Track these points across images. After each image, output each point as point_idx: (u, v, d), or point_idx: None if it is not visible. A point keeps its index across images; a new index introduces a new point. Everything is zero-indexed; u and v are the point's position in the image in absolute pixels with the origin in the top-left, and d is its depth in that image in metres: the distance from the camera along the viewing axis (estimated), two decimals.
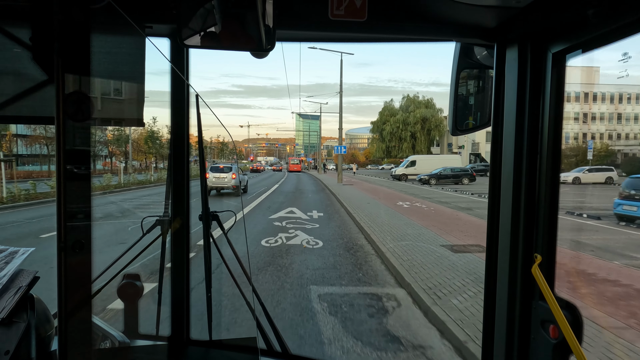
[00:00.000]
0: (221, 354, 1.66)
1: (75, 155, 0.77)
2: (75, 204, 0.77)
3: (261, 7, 1.05)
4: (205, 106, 1.53)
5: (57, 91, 0.73)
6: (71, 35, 0.74)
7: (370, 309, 5.31)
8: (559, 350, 1.08)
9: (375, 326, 4.74)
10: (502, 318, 1.26)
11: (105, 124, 1.37)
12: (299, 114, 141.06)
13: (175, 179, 1.63)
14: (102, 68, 1.31)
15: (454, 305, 5.13)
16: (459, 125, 1.50)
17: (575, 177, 29.29)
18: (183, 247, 1.67)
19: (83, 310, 0.79)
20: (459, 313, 4.89)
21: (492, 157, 1.31)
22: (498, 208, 1.29)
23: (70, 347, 0.77)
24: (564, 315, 1.05)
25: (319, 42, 1.52)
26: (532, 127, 1.17)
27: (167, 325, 1.70)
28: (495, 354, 1.30)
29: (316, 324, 4.72)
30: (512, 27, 1.21)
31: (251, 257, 7.72)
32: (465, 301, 5.31)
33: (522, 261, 1.20)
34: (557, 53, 1.10)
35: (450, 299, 5.36)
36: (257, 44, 1.14)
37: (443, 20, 1.28)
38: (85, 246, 0.77)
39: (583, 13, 0.97)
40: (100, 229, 10.75)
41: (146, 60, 1.35)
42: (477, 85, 1.50)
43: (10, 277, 1.14)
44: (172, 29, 1.40)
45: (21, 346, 1.06)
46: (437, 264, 7.22)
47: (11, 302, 1.07)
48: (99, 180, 24.87)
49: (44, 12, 1.20)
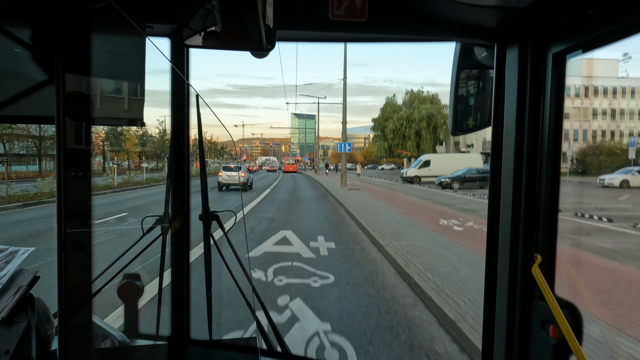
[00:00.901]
0: (221, 354, 1.66)
1: (75, 155, 0.77)
2: (75, 204, 0.77)
3: (261, 7, 1.05)
4: (205, 106, 1.53)
5: (58, 91, 0.73)
6: (71, 35, 0.74)
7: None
8: (559, 350, 1.08)
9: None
10: (502, 318, 1.26)
11: (105, 123, 1.37)
12: (295, 114, 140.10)
13: (175, 178, 1.63)
14: (102, 68, 1.31)
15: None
16: (459, 126, 1.50)
17: (623, 180, 25.12)
18: (183, 247, 1.67)
19: (83, 310, 0.79)
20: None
21: (492, 157, 1.31)
22: (498, 208, 1.29)
23: (71, 347, 0.77)
24: (564, 315, 1.05)
25: (319, 42, 1.52)
26: (533, 127, 1.17)
27: (167, 325, 1.70)
28: (495, 354, 1.30)
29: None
30: (513, 28, 1.21)
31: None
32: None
33: (522, 261, 1.20)
34: (558, 53, 1.10)
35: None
36: (257, 44, 1.14)
37: (443, 20, 1.28)
38: (85, 246, 0.77)
39: (583, 13, 0.97)
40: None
41: (146, 60, 1.35)
42: (477, 86, 1.50)
43: (10, 276, 1.14)
44: (172, 28, 1.40)
45: (21, 346, 1.06)
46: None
47: (11, 302, 1.07)
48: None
49: (45, 12, 1.20)
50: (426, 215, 13.51)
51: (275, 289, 5.77)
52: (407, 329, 4.63)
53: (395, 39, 1.39)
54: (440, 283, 5.88)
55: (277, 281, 6.15)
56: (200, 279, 1.74)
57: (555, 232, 1.16)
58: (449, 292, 5.50)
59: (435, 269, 6.68)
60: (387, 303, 5.43)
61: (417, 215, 13.42)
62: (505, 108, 1.25)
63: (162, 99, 1.69)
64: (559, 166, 1.15)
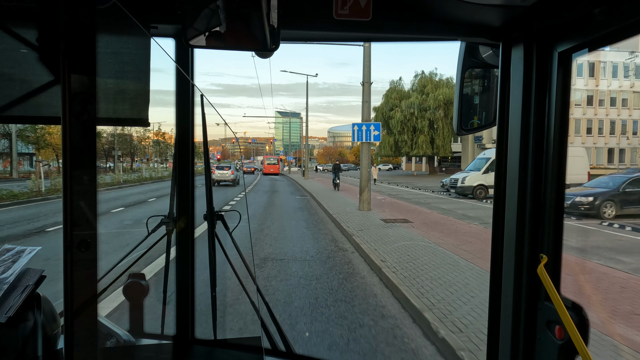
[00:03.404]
0: (226, 353, 1.67)
1: (81, 154, 0.77)
2: (81, 204, 0.77)
3: (265, 7, 1.05)
4: (209, 106, 1.54)
5: (63, 91, 0.74)
6: (77, 35, 0.74)
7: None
8: (564, 351, 1.07)
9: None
10: (508, 318, 1.25)
11: (110, 124, 1.38)
12: (279, 111, 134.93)
13: (180, 178, 1.64)
14: (108, 68, 1.31)
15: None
16: (464, 125, 1.49)
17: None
18: (188, 247, 1.68)
19: (89, 309, 0.79)
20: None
21: (497, 156, 1.31)
22: (503, 208, 1.28)
23: (76, 346, 0.78)
24: (569, 315, 1.04)
25: (323, 42, 1.53)
26: (538, 126, 1.17)
27: (172, 324, 1.70)
28: (500, 355, 1.30)
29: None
30: (518, 26, 1.20)
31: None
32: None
33: (528, 261, 1.20)
34: (563, 52, 1.10)
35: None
36: (261, 44, 1.14)
37: (448, 19, 1.27)
38: (92, 245, 0.77)
39: (589, 11, 0.96)
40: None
41: (151, 61, 1.36)
42: (482, 85, 1.50)
43: (17, 275, 1.15)
44: (177, 29, 1.40)
45: (28, 344, 1.07)
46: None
47: (18, 301, 1.08)
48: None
49: (50, 13, 1.21)
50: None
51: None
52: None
53: (399, 39, 1.38)
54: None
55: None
56: (205, 278, 1.74)
57: (561, 232, 1.15)
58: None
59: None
60: None
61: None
62: (510, 107, 1.25)
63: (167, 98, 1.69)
64: (565, 166, 1.14)
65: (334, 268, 7.29)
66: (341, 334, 4.48)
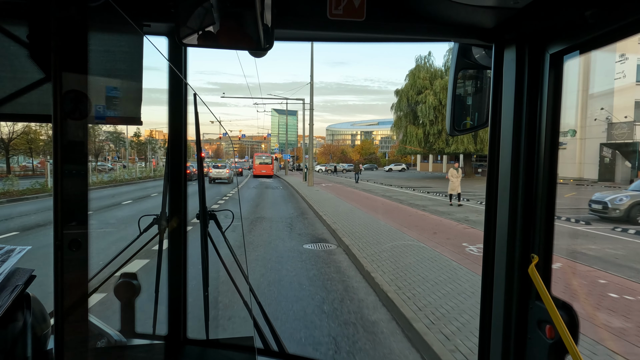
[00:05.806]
0: (218, 353, 1.66)
1: (72, 153, 0.76)
2: (72, 203, 0.77)
3: (259, 6, 1.05)
4: (202, 104, 1.53)
5: (55, 89, 0.73)
6: (69, 33, 0.74)
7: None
8: (555, 350, 1.08)
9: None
10: (499, 318, 1.26)
11: (102, 122, 1.37)
12: (275, 109, 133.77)
13: (172, 177, 1.63)
14: (100, 66, 1.30)
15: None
16: (457, 126, 1.50)
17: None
18: (180, 246, 1.67)
19: (79, 309, 0.79)
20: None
21: (489, 157, 1.32)
22: (495, 208, 1.29)
23: (67, 346, 0.77)
24: (560, 315, 1.05)
25: (317, 42, 1.53)
26: (530, 127, 1.18)
27: (164, 324, 1.69)
28: (491, 354, 1.31)
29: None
30: (510, 28, 1.21)
31: None
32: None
33: (519, 261, 1.21)
34: (555, 54, 1.11)
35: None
36: (255, 43, 1.14)
37: (441, 20, 1.28)
38: (82, 245, 0.77)
39: (581, 14, 0.97)
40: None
41: (144, 59, 1.35)
42: (475, 86, 1.50)
43: (6, 275, 1.13)
44: (170, 27, 1.39)
45: (17, 345, 1.06)
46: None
47: (7, 301, 1.07)
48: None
49: (42, 10, 1.19)
50: None
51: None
52: None
53: (393, 39, 1.39)
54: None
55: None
56: (197, 278, 1.73)
57: (552, 233, 1.16)
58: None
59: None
60: None
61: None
62: (502, 108, 1.26)
63: (160, 97, 1.68)
64: (556, 166, 1.15)
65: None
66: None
